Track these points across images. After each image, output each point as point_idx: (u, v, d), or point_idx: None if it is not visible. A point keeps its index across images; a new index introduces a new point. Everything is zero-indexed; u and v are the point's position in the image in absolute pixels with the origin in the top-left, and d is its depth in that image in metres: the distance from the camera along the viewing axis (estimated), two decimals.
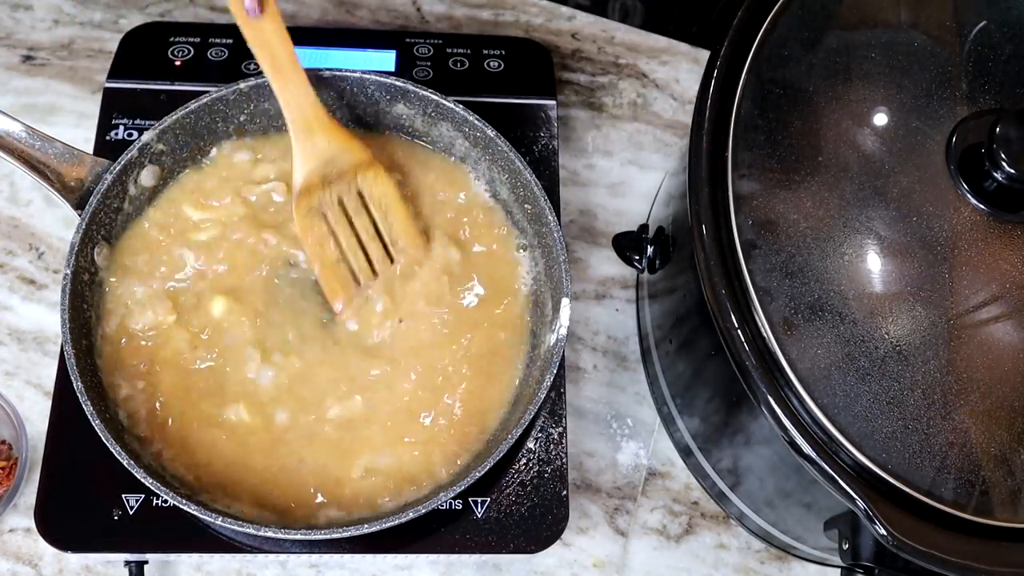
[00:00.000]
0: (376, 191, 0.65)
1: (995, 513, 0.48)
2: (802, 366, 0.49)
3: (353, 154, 0.64)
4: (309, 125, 0.62)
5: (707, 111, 0.54)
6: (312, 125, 0.62)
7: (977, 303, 0.50)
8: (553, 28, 0.86)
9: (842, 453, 0.48)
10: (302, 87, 0.62)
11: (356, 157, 0.64)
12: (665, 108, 0.84)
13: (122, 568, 0.64)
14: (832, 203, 0.52)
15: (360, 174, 0.65)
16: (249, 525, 0.55)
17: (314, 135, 0.62)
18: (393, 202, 0.66)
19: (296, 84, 0.62)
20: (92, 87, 0.79)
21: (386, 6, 0.85)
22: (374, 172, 0.65)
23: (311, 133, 0.62)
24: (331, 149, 0.63)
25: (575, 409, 0.73)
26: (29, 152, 0.61)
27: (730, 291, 0.51)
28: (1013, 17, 0.56)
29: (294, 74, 0.62)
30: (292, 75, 0.62)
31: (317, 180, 0.63)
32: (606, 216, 0.79)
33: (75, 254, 0.60)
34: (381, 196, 0.65)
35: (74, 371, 0.57)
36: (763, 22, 0.56)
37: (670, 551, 0.70)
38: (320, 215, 0.64)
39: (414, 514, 0.56)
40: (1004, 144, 0.49)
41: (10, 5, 0.82)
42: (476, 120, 0.67)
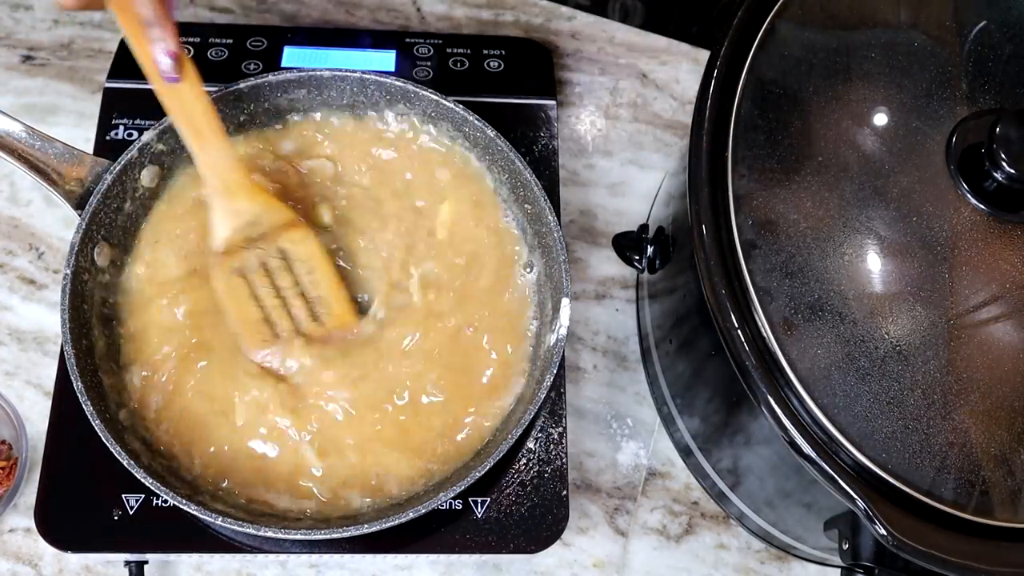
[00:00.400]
0: (301, 251, 0.63)
1: (995, 513, 0.48)
2: (802, 366, 0.49)
3: (276, 215, 0.63)
4: (229, 188, 0.61)
5: (707, 111, 0.54)
6: (233, 188, 0.61)
7: (977, 303, 0.50)
8: (553, 28, 0.86)
9: (842, 453, 0.48)
10: (223, 149, 0.60)
11: (279, 218, 0.63)
12: (665, 108, 0.84)
13: (122, 568, 0.64)
14: (832, 203, 0.52)
15: (284, 235, 0.63)
16: (249, 525, 0.55)
17: (235, 198, 0.61)
18: (319, 263, 0.64)
19: (216, 148, 0.60)
20: (92, 87, 0.79)
21: (386, 6, 0.85)
22: (300, 233, 0.63)
23: (232, 197, 0.61)
24: (253, 211, 0.62)
25: (575, 409, 0.73)
26: (29, 152, 0.61)
27: (730, 291, 0.51)
28: (1013, 17, 0.56)
29: (214, 138, 0.60)
30: (212, 140, 0.60)
31: (239, 241, 0.62)
32: (606, 216, 0.79)
33: (75, 254, 0.60)
34: (307, 257, 0.64)
35: (74, 371, 0.57)
36: (763, 22, 0.56)
37: (670, 551, 0.70)
38: (241, 275, 0.62)
39: (414, 514, 0.56)
40: (1004, 144, 0.49)
41: (10, 5, 0.82)
42: (476, 120, 0.67)
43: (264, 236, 0.63)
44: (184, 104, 0.59)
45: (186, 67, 0.58)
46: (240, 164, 0.61)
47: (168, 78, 0.57)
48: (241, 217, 0.62)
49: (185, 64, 0.57)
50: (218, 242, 0.62)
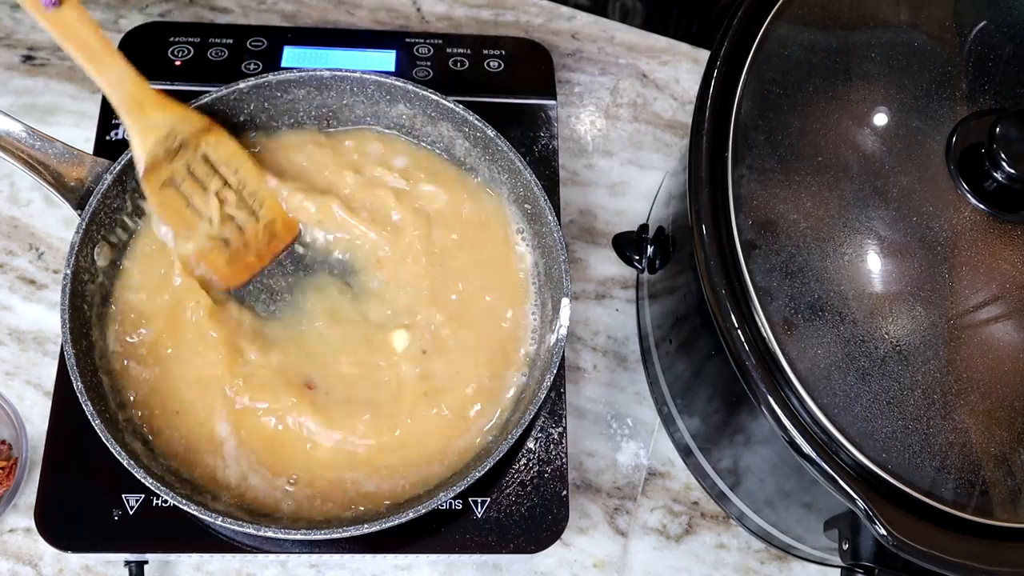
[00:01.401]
0: (222, 153, 0.65)
1: (995, 513, 0.48)
2: (802, 366, 0.49)
3: (191, 123, 0.63)
4: (138, 102, 0.61)
5: (707, 111, 0.54)
6: (141, 102, 0.61)
7: (977, 303, 0.50)
8: (553, 28, 0.86)
9: (842, 453, 0.48)
10: (121, 67, 0.60)
11: (195, 125, 0.63)
12: (665, 108, 0.84)
13: (122, 568, 0.64)
14: (832, 203, 0.52)
15: (203, 140, 0.64)
16: (249, 525, 0.55)
17: (146, 111, 0.61)
18: (242, 161, 0.66)
19: (115, 66, 0.60)
20: (92, 87, 0.79)
21: (386, 6, 0.85)
22: (216, 136, 0.65)
23: (143, 110, 0.61)
24: (168, 121, 0.62)
25: (575, 409, 0.73)
26: (29, 152, 0.61)
27: (730, 291, 0.51)
28: (1013, 17, 0.56)
29: (109, 57, 0.60)
30: (107, 58, 0.60)
31: (161, 154, 0.62)
32: (606, 216, 0.79)
33: (75, 254, 0.60)
34: (228, 157, 0.65)
35: (74, 371, 0.57)
36: (763, 22, 0.56)
37: (670, 551, 0.70)
38: (173, 187, 0.63)
39: (414, 514, 0.56)
40: (1004, 144, 0.49)
41: (10, 5, 0.82)
42: (476, 120, 0.67)
43: (184, 144, 0.63)
44: (71, 29, 0.58)
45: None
46: (142, 80, 0.61)
47: (49, 4, 0.57)
48: (157, 130, 0.61)
49: None
50: (141, 159, 0.61)
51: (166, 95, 0.62)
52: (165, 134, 0.61)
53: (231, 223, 0.65)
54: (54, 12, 0.57)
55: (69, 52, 0.59)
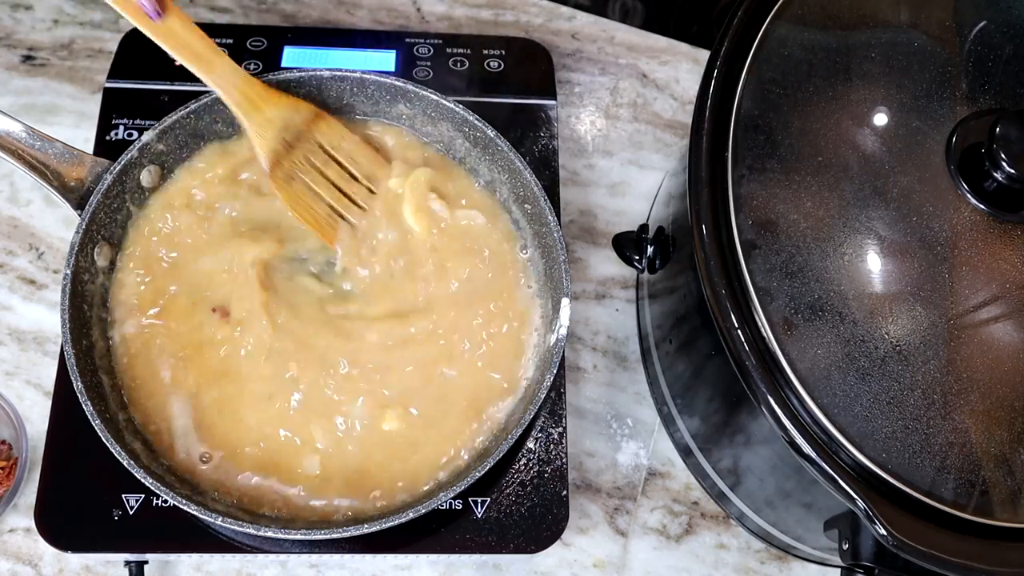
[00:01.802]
0: (334, 138, 0.66)
1: (995, 513, 0.48)
2: (802, 366, 0.49)
3: (301, 111, 0.65)
4: (252, 101, 0.63)
5: (707, 111, 0.54)
6: (255, 100, 0.63)
7: (977, 303, 0.50)
8: (553, 28, 0.86)
9: (842, 453, 0.48)
10: (230, 68, 0.62)
11: (305, 113, 0.65)
12: (665, 108, 0.84)
13: (122, 568, 0.64)
14: (832, 203, 0.52)
15: (315, 128, 0.66)
16: (249, 525, 0.55)
17: (261, 108, 0.63)
18: (353, 143, 0.67)
19: (224, 68, 0.62)
20: (92, 87, 0.79)
21: (386, 6, 0.85)
22: (326, 123, 0.66)
23: (257, 108, 0.63)
24: (282, 115, 0.64)
25: (575, 409, 0.73)
26: (29, 152, 0.61)
27: (730, 291, 0.51)
28: (1013, 17, 0.56)
29: (218, 60, 0.62)
30: (217, 62, 0.62)
31: (281, 148, 0.64)
32: (606, 216, 0.79)
33: (75, 254, 0.60)
34: (341, 141, 0.66)
35: (74, 371, 0.57)
36: (763, 22, 0.56)
37: (670, 551, 0.70)
38: (297, 179, 0.65)
39: (414, 514, 0.56)
40: (1004, 144, 0.49)
41: (10, 5, 0.82)
42: (476, 120, 0.67)
43: (299, 135, 0.65)
44: (179, 37, 0.61)
45: (167, 2, 0.59)
46: (250, 76, 0.63)
47: (153, 15, 0.59)
48: (273, 124, 0.63)
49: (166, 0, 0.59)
50: (265, 157, 0.63)
51: (271, 87, 0.64)
52: (281, 127, 0.63)
53: (356, 207, 0.66)
54: (161, 23, 0.59)
55: (180, 60, 0.61)
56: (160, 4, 0.59)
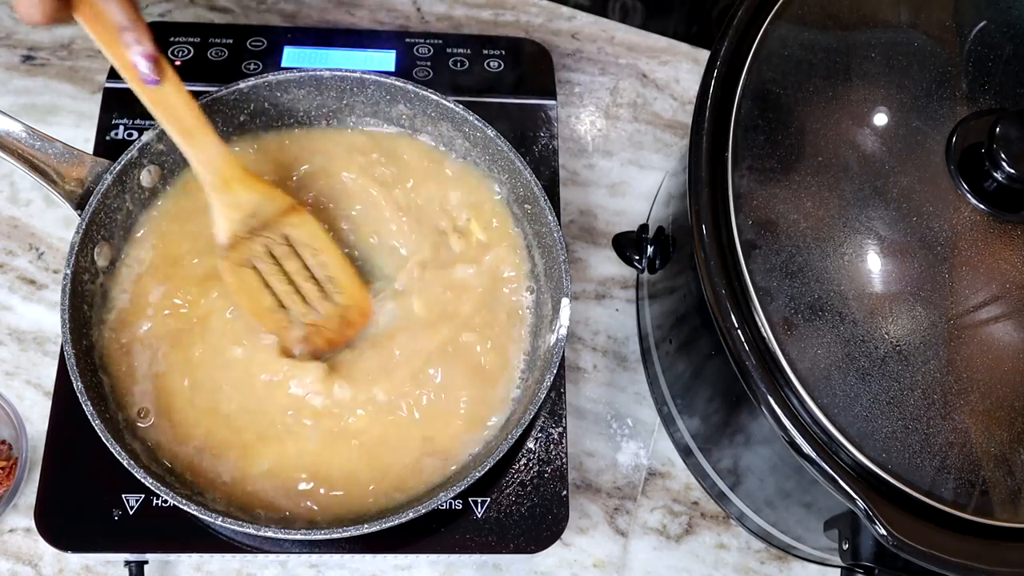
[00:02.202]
0: (304, 234, 0.64)
1: (995, 513, 0.48)
2: (802, 366, 0.49)
3: (275, 202, 0.63)
4: (226, 181, 0.61)
5: (707, 111, 0.54)
6: (229, 181, 0.61)
7: (977, 303, 0.50)
8: (553, 28, 0.86)
9: (842, 453, 0.48)
10: (214, 144, 0.60)
11: (279, 205, 0.63)
12: (665, 108, 0.84)
13: (122, 568, 0.64)
14: (832, 203, 0.52)
15: (285, 220, 0.63)
16: (249, 525, 0.55)
17: (233, 190, 0.61)
18: (323, 243, 0.64)
19: (207, 144, 0.60)
20: (92, 87, 0.79)
21: (386, 6, 0.85)
22: (299, 217, 0.64)
23: (229, 189, 0.61)
24: (252, 200, 0.62)
25: (575, 409, 0.73)
26: (29, 152, 0.61)
27: (730, 291, 0.51)
28: (1013, 17, 0.56)
29: (203, 135, 0.60)
30: (201, 136, 0.60)
31: (242, 233, 0.62)
32: (606, 216, 0.79)
33: (75, 254, 0.60)
34: (310, 239, 0.64)
35: (74, 371, 0.57)
36: (763, 22, 0.56)
37: (670, 551, 0.70)
38: (250, 267, 0.63)
39: (414, 514, 0.56)
40: (1004, 144, 0.49)
41: (10, 5, 0.82)
42: (476, 120, 0.67)
43: (266, 224, 0.63)
44: (168, 105, 0.58)
45: (164, 67, 0.57)
46: (232, 156, 0.61)
47: (149, 82, 0.56)
48: (242, 208, 0.61)
49: (163, 64, 0.57)
50: (222, 236, 0.62)
51: (254, 174, 0.62)
52: (249, 213, 0.62)
53: (305, 306, 0.64)
54: (155, 89, 0.57)
55: (164, 126, 0.59)
56: (159, 71, 0.56)
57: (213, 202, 0.61)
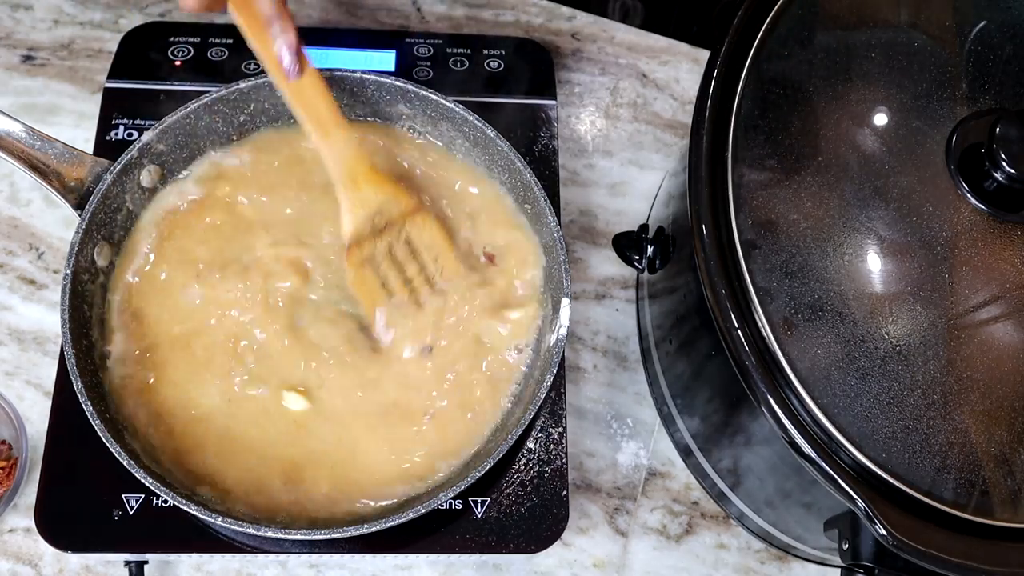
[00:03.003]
0: (426, 237, 0.64)
1: (995, 513, 0.48)
2: (802, 366, 0.49)
3: (400, 202, 0.63)
4: (355, 178, 0.61)
5: (707, 111, 0.54)
6: (358, 178, 0.61)
7: (977, 303, 0.50)
8: (553, 28, 0.86)
9: (842, 453, 0.48)
10: (346, 140, 0.61)
11: (404, 205, 0.63)
12: (665, 108, 0.84)
13: (122, 568, 0.64)
14: (832, 203, 0.52)
15: (409, 221, 0.64)
16: (249, 525, 0.55)
17: (361, 188, 0.62)
18: (443, 248, 0.65)
19: (340, 139, 0.61)
20: (92, 87, 0.79)
21: (386, 6, 0.85)
22: (422, 218, 0.64)
23: (357, 186, 0.61)
24: (378, 199, 0.62)
25: (575, 409, 0.73)
26: (29, 152, 0.61)
27: (730, 291, 0.51)
28: (1013, 17, 0.56)
29: (337, 130, 0.61)
30: (336, 131, 0.61)
31: (367, 231, 0.62)
32: (606, 216, 0.79)
33: (75, 254, 0.60)
34: (430, 242, 0.65)
35: (74, 371, 0.57)
36: (763, 22, 0.56)
37: (670, 551, 0.70)
38: (371, 265, 0.63)
39: (414, 514, 0.56)
40: (1004, 144, 0.49)
41: (10, 5, 0.82)
42: (476, 120, 0.67)
43: (390, 224, 0.63)
44: (306, 98, 0.59)
45: (305, 61, 0.58)
46: (363, 153, 0.62)
47: (292, 74, 0.57)
48: (368, 206, 0.62)
49: (304, 58, 0.58)
50: (347, 234, 0.62)
51: (381, 173, 0.63)
52: (375, 210, 0.62)
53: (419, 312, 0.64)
54: (295, 82, 0.58)
55: (299, 118, 0.60)
56: (300, 64, 0.57)
57: (341, 197, 0.62)
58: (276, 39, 0.56)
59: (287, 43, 0.56)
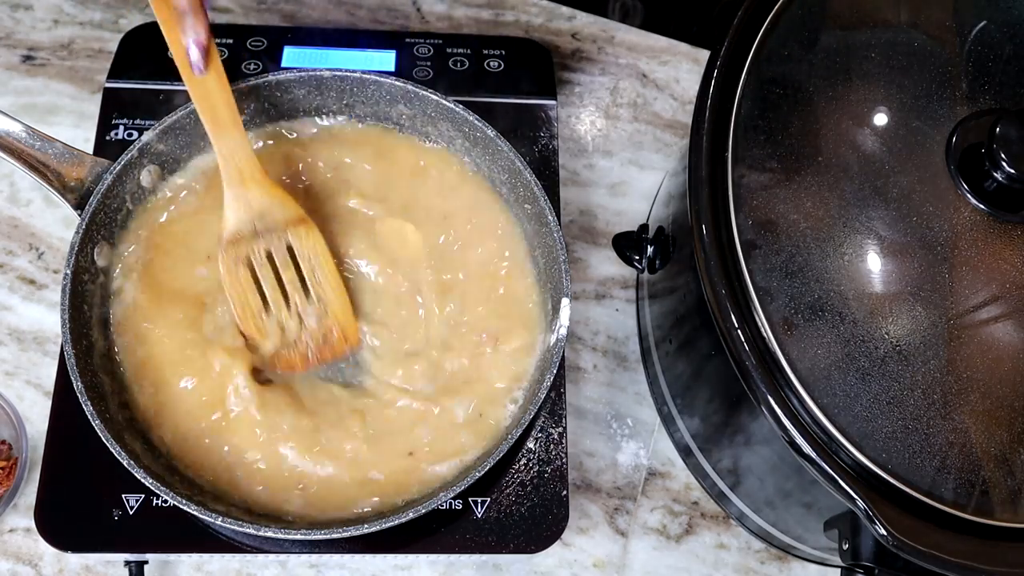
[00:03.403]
0: (307, 247, 0.64)
1: (995, 513, 0.48)
2: (802, 366, 0.49)
3: (286, 209, 0.63)
4: (243, 178, 0.62)
5: (707, 111, 0.54)
6: (247, 178, 0.62)
7: (977, 303, 0.50)
8: (553, 28, 0.86)
9: (842, 453, 0.48)
10: (240, 141, 0.62)
11: (288, 213, 0.64)
12: (665, 108, 0.84)
13: (122, 568, 0.64)
14: (832, 203, 0.52)
15: (291, 229, 0.64)
16: (249, 525, 0.55)
17: (247, 188, 0.62)
18: (324, 261, 0.65)
19: (234, 138, 0.62)
20: (92, 87, 0.79)
21: (386, 6, 0.85)
22: (306, 229, 0.64)
23: (245, 185, 0.62)
24: (263, 203, 0.63)
25: (575, 409, 0.73)
26: (29, 152, 0.61)
27: (730, 291, 0.51)
28: (1013, 17, 0.56)
29: (233, 129, 0.61)
30: (231, 130, 0.61)
31: (247, 231, 0.63)
32: (606, 216, 0.79)
33: (75, 254, 0.60)
34: (311, 253, 0.64)
35: (74, 371, 0.57)
36: (763, 22, 0.56)
37: (670, 551, 0.70)
38: (247, 265, 0.63)
39: (414, 514, 0.56)
40: (1004, 144, 0.49)
41: (10, 5, 0.82)
42: (476, 120, 0.67)
43: (272, 229, 0.63)
44: (208, 94, 0.60)
45: (213, 59, 0.59)
46: (254, 157, 0.63)
47: (196, 69, 0.59)
48: (252, 208, 0.62)
49: (213, 56, 0.59)
50: (228, 230, 0.62)
51: (270, 179, 0.63)
52: (258, 214, 0.63)
53: (290, 316, 0.64)
54: (199, 77, 0.59)
55: (200, 114, 0.61)
56: (207, 61, 0.58)
57: (226, 195, 0.62)
58: (186, 33, 0.57)
59: (196, 39, 0.58)
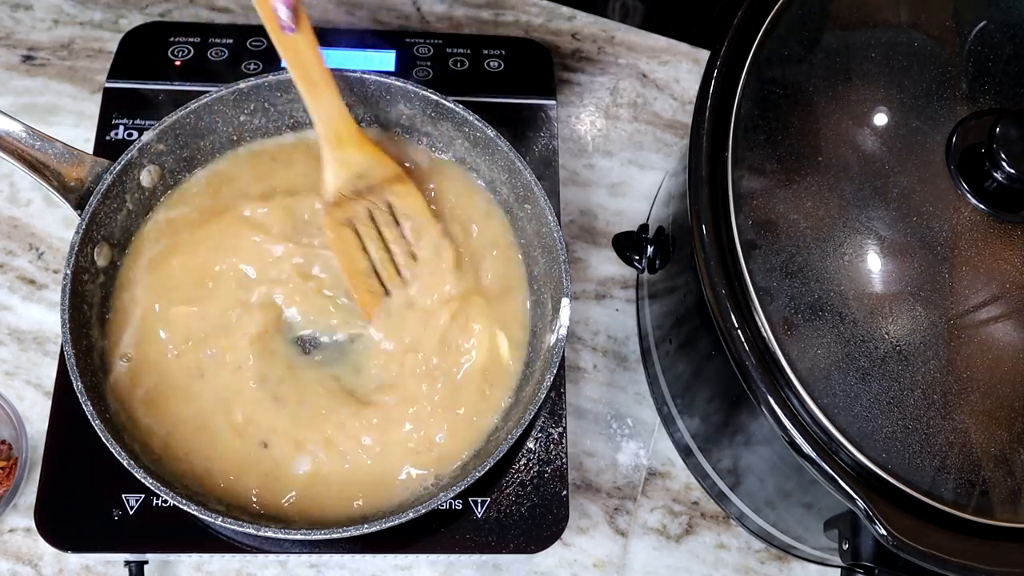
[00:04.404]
0: (407, 205, 0.65)
1: (995, 513, 0.48)
2: (802, 366, 0.49)
3: (384, 168, 0.64)
4: (340, 138, 0.62)
5: (707, 111, 0.54)
6: (343, 138, 0.62)
7: (977, 303, 0.50)
8: (553, 28, 0.86)
9: (842, 453, 0.48)
10: (334, 101, 0.62)
11: (387, 171, 0.64)
12: (665, 108, 0.84)
13: (122, 568, 0.64)
14: (832, 203, 0.52)
15: (391, 188, 0.64)
16: (249, 525, 0.55)
17: (345, 148, 0.62)
18: (425, 219, 0.65)
19: (328, 98, 0.62)
20: (92, 87, 0.79)
21: (386, 6, 0.85)
22: (405, 187, 0.65)
23: (342, 146, 0.62)
24: (362, 163, 0.63)
25: (575, 409, 0.73)
26: (29, 152, 0.61)
27: (730, 291, 0.51)
28: (1013, 17, 0.56)
29: (326, 88, 0.61)
30: (324, 89, 0.61)
31: (348, 192, 0.63)
32: (606, 216, 0.79)
33: (75, 254, 0.60)
34: (413, 212, 0.65)
35: (74, 371, 0.57)
36: (763, 22, 0.56)
37: (670, 551, 0.70)
38: (350, 226, 0.64)
39: (414, 514, 0.56)
40: (1004, 144, 0.49)
41: (10, 5, 0.82)
42: (476, 120, 0.67)
43: (372, 188, 0.64)
44: (299, 55, 0.60)
45: (302, 19, 0.59)
46: (349, 116, 0.63)
47: (286, 28, 0.58)
48: (351, 168, 0.63)
49: (301, 16, 0.59)
50: (329, 192, 0.63)
51: (367, 137, 0.63)
52: (357, 174, 0.63)
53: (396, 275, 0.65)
54: (290, 37, 0.59)
55: (292, 75, 0.61)
56: (296, 19, 0.58)
57: (326, 157, 0.63)
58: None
59: None
